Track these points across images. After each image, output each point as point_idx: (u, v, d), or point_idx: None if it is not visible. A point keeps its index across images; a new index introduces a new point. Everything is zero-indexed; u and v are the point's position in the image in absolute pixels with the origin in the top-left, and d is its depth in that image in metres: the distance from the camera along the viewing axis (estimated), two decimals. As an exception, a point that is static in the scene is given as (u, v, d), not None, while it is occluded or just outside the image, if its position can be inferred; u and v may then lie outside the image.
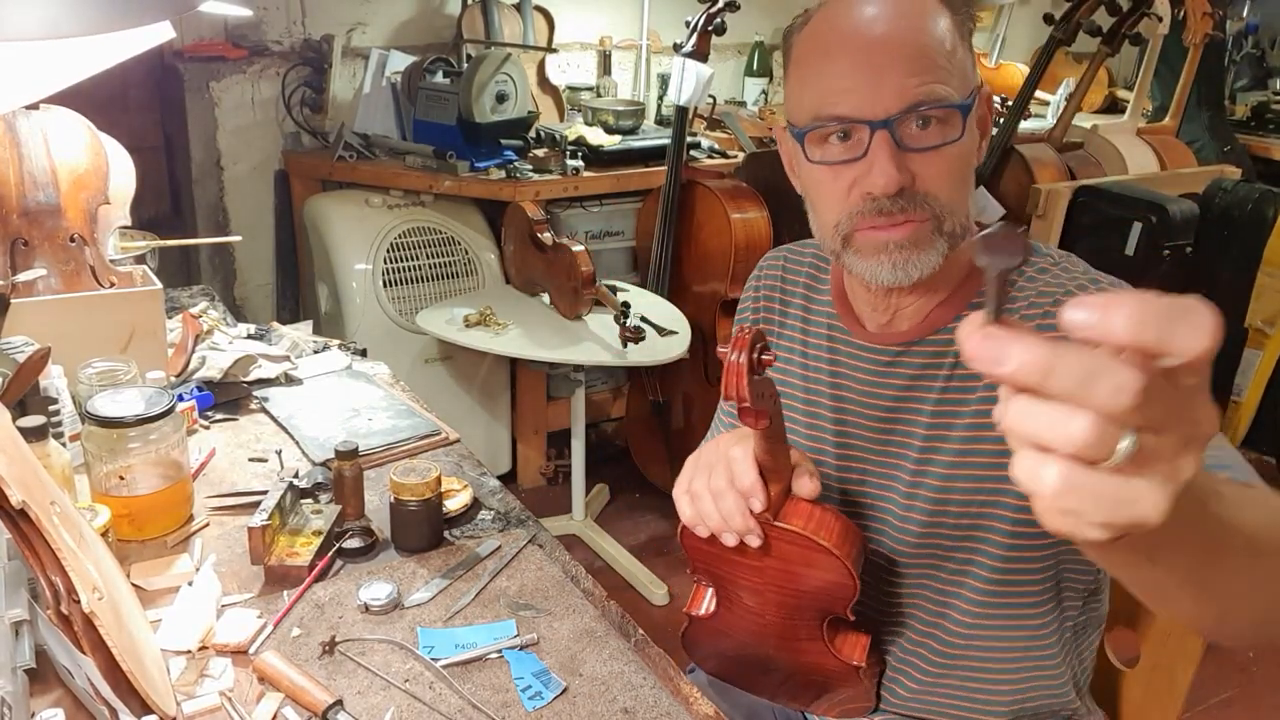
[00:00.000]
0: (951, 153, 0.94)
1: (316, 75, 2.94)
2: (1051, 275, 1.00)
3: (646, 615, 2.55)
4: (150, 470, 1.21)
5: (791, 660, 1.06)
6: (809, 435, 1.13)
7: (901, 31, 0.93)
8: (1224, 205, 2.94)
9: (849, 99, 0.93)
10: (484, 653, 1.06)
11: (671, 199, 2.75)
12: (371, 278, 2.71)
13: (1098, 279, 0.99)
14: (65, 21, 0.91)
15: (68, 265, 1.49)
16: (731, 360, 0.81)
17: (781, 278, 1.20)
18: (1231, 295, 2.98)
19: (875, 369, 1.07)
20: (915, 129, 0.93)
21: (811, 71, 0.97)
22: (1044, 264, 1.02)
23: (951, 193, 0.96)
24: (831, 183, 0.97)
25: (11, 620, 0.94)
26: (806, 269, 1.18)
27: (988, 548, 1.02)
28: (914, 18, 0.94)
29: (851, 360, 1.09)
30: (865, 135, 0.93)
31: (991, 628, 1.06)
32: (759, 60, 3.55)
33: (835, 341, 1.11)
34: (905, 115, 0.92)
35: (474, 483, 1.38)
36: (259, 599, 1.13)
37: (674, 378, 2.89)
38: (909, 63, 0.92)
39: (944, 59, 0.93)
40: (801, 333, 1.16)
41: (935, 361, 1.03)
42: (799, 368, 1.15)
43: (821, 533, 0.92)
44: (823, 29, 0.97)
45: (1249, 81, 4.15)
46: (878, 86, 0.92)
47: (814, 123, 0.95)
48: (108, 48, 1.21)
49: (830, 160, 0.96)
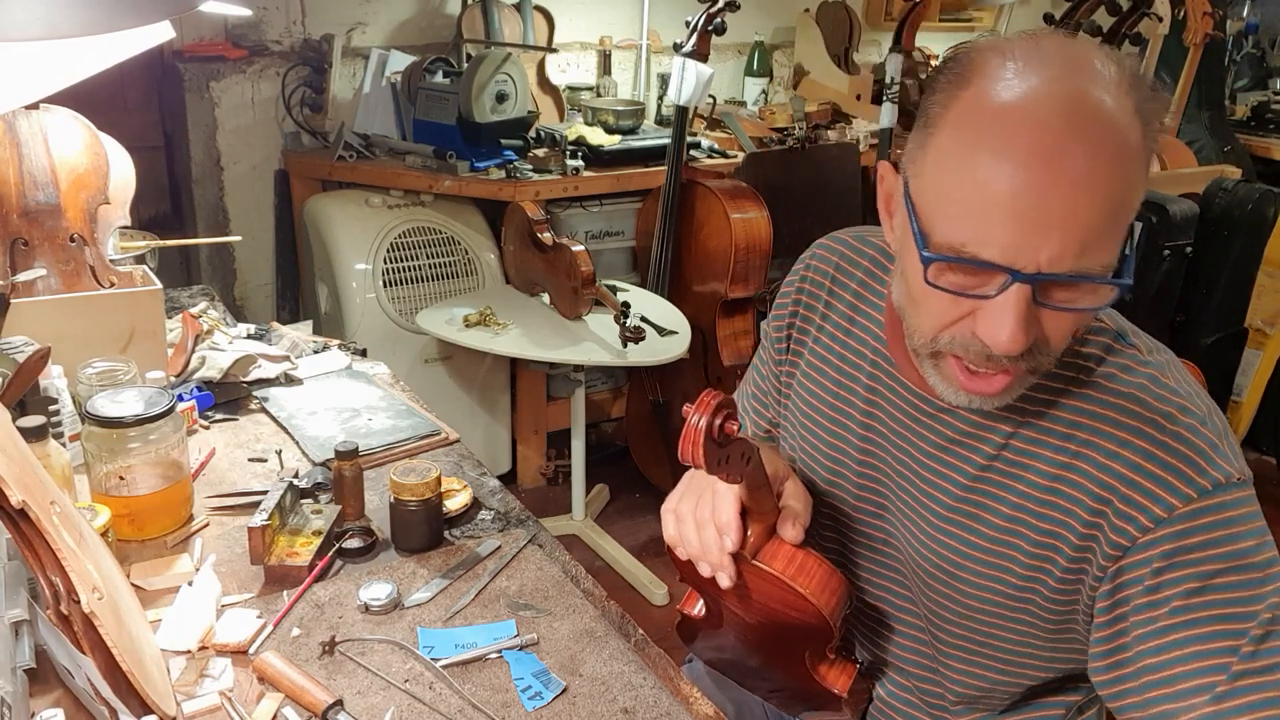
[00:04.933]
0: (1087, 315, 0.81)
1: (316, 75, 2.94)
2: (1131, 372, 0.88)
3: (646, 615, 2.55)
4: (150, 470, 1.21)
5: (778, 673, 1.06)
6: (831, 447, 1.06)
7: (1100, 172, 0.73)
8: (1224, 205, 2.94)
9: (1007, 245, 0.74)
10: (484, 653, 1.06)
11: (671, 199, 2.75)
12: (371, 278, 2.71)
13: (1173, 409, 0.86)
14: (65, 21, 0.91)
15: (68, 265, 1.49)
16: (691, 423, 0.75)
17: (833, 274, 1.08)
18: (1231, 295, 2.98)
19: (915, 416, 0.97)
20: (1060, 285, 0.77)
21: (965, 174, 0.76)
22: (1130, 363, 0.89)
23: (1065, 344, 0.82)
24: (943, 304, 0.81)
25: (11, 620, 0.94)
26: (864, 269, 1.06)
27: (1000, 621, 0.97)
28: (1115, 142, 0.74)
29: (891, 395, 1.00)
30: (1002, 279, 0.76)
31: (991, 692, 1.03)
32: (759, 60, 3.55)
33: (878, 369, 1.01)
34: (1062, 280, 0.76)
35: (474, 483, 1.38)
36: (259, 599, 1.13)
37: (674, 378, 2.89)
38: (1093, 219, 0.73)
39: (1127, 216, 0.77)
40: (842, 339, 1.06)
41: (979, 433, 0.92)
42: (835, 372, 1.06)
43: (800, 579, 0.91)
44: (994, 112, 0.75)
45: (1249, 81, 4.15)
46: (1045, 236, 0.73)
47: (948, 254, 0.77)
48: (108, 48, 1.21)
49: (953, 290, 0.79)
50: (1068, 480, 0.87)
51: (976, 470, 0.93)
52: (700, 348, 2.75)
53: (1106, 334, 0.90)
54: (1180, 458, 0.82)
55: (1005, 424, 0.91)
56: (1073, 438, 0.88)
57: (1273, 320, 3.20)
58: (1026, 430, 0.90)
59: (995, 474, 0.92)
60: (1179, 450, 0.83)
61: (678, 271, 2.84)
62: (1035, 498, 0.90)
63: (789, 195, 2.89)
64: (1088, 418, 0.87)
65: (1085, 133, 0.73)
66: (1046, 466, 0.89)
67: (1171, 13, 3.33)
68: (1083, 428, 0.87)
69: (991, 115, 0.75)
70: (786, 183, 2.96)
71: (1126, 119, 0.75)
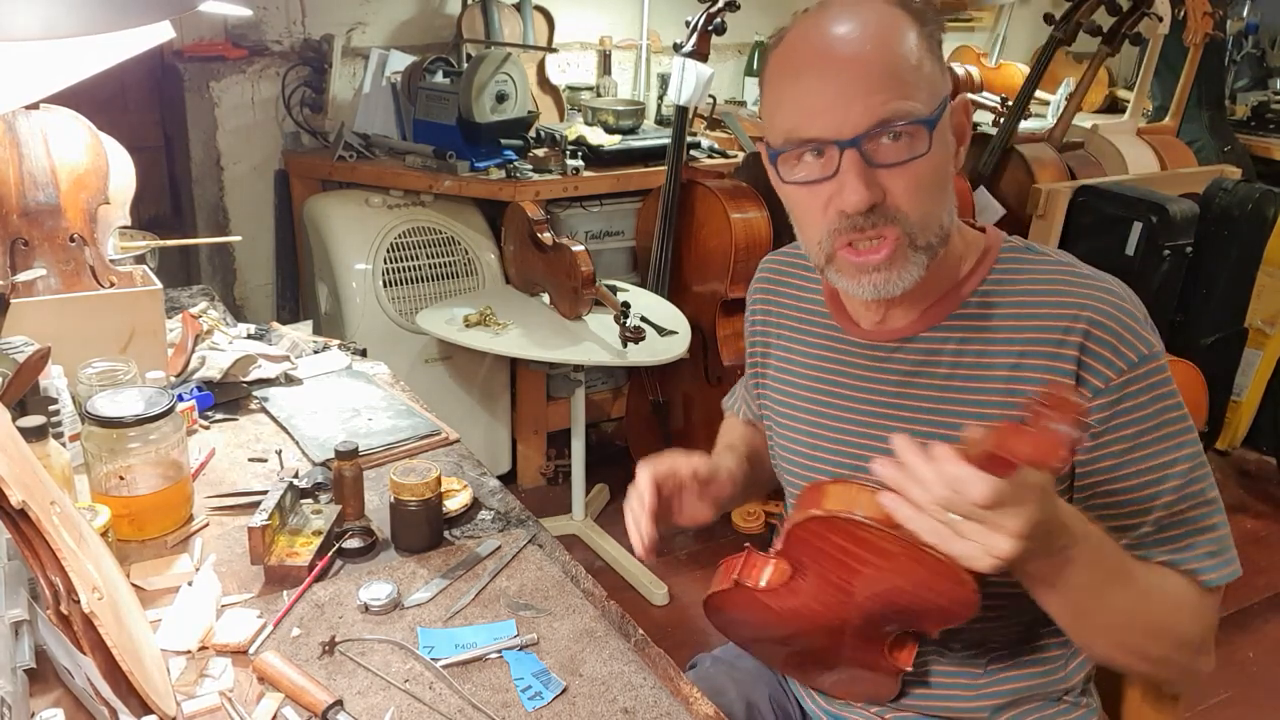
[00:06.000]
0: (920, 166, 0.95)
1: (316, 75, 2.94)
2: (1046, 268, 1.03)
3: (646, 615, 2.54)
4: (150, 470, 1.21)
5: (833, 649, 1.05)
6: (811, 434, 1.14)
7: (868, 50, 0.94)
8: (1224, 205, 2.93)
9: (818, 120, 0.94)
10: (484, 653, 1.06)
11: (671, 199, 2.75)
12: (371, 278, 2.71)
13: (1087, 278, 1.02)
14: (65, 21, 0.91)
15: (68, 265, 1.49)
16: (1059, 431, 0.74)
17: (773, 281, 1.23)
18: (1231, 295, 2.98)
19: (870, 364, 1.09)
20: (884, 144, 0.94)
21: (783, 93, 0.99)
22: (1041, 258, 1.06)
23: (924, 206, 0.97)
24: (809, 200, 0.99)
25: (11, 620, 0.94)
26: (798, 271, 1.21)
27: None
28: (881, 36, 0.95)
29: (846, 357, 1.12)
30: (836, 154, 0.94)
31: (994, 617, 1.05)
32: (759, 60, 3.55)
33: (830, 340, 1.14)
34: (872, 133, 0.93)
35: (474, 483, 1.38)
36: (259, 599, 1.13)
37: (674, 378, 2.89)
38: (875, 81, 0.93)
39: (910, 74, 0.94)
40: (797, 332, 1.18)
41: (931, 359, 1.05)
42: (797, 365, 1.17)
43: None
44: (792, 50, 0.99)
45: (1249, 81, 4.15)
46: (845, 107, 0.93)
47: (786, 145, 0.97)
48: (108, 48, 1.21)
49: (804, 180, 0.98)
50: (1021, 378, 1.00)
51: (938, 392, 1.04)
52: (700, 348, 2.75)
53: (1017, 249, 1.06)
54: (1114, 334, 0.97)
55: (949, 343, 1.04)
56: (1016, 338, 1.01)
57: (1273, 320, 3.19)
58: (972, 344, 1.03)
59: (955, 390, 1.03)
60: (1111, 328, 0.98)
61: (678, 271, 2.84)
62: (997, 402, 1.01)
63: (789, 195, 2.88)
64: (1026, 318, 1.01)
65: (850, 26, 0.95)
66: (1001, 371, 1.01)
67: (1171, 13, 3.32)
68: (1024, 328, 1.01)
69: (789, 52, 0.99)
70: (786, 183, 2.96)
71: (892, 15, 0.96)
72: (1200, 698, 2.31)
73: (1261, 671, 2.46)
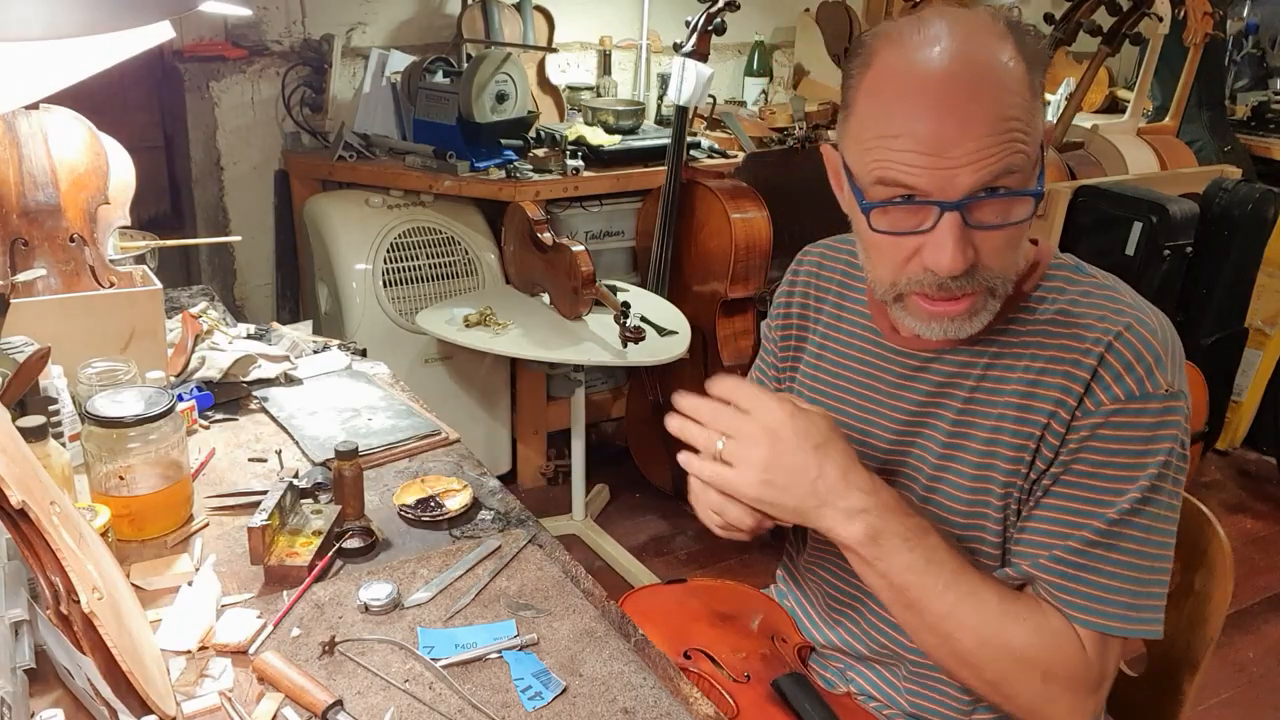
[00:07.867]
0: (1017, 228, 0.92)
1: (316, 75, 2.94)
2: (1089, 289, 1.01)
3: (646, 615, 2.55)
4: (150, 470, 1.21)
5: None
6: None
7: (982, 92, 0.87)
8: (1224, 205, 2.93)
9: (922, 175, 0.88)
10: (484, 653, 1.06)
11: (671, 199, 2.75)
12: (371, 278, 2.71)
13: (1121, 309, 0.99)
14: (65, 21, 0.91)
15: (68, 265, 1.49)
16: None
17: (817, 274, 1.21)
18: (1231, 295, 2.98)
19: (905, 372, 1.08)
20: (986, 204, 0.90)
21: (878, 127, 0.90)
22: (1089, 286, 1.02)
23: (1009, 263, 0.94)
24: (891, 248, 0.94)
25: (11, 620, 0.94)
26: (842, 267, 1.19)
27: (985, 548, 1.04)
28: (995, 76, 0.87)
29: (882, 363, 1.11)
30: (934, 212, 0.89)
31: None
32: (759, 60, 3.55)
33: (867, 343, 1.13)
34: (978, 197, 0.88)
35: (474, 483, 1.38)
36: (259, 599, 1.13)
37: (674, 378, 2.89)
38: (987, 137, 0.86)
39: (1023, 127, 0.88)
40: (834, 329, 1.17)
41: (962, 371, 1.04)
42: (831, 364, 1.17)
43: None
44: (892, 75, 0.90)
45: (1249, 81, 4.14)
46: (954, 164, 0.87)
47: (878, 190, 0.91)
48: (108, 48, 1.21)
49: (894, 231, 0.93)
50: (1037, 395, 0.99)
51: (963, 404, 1.03)
52: (700, 348, 2.75)
53: (1066, 266, 1.04)
54: (1126, 362, 0.95)
55: (984, 356, 1.02)
56: (1041, 355, 0.99)
57: (1273, 320, 3.20)
58: (1003, 359, 1.02)
59: (978, 404, 1.02)
60: (1126, 356, 0.95)
61: (678, 271, 2.84)
62: (1011, 416, 1.00)
63: (789, 195, 2.88)
64: (1057, 335, 0.99)
65: (960, 59, 0.88)
66: (1018, 385, 1.00)
67: (1171, 13, 3.33)
68: (1051, 345, 0.99)
69: (888, 75, 0.90)
70: (786, 183, 2.96)
71: (1005, 56, 0.89)
72: (1201, 698, 2.31)
73: (1261, 671, 2.46)
